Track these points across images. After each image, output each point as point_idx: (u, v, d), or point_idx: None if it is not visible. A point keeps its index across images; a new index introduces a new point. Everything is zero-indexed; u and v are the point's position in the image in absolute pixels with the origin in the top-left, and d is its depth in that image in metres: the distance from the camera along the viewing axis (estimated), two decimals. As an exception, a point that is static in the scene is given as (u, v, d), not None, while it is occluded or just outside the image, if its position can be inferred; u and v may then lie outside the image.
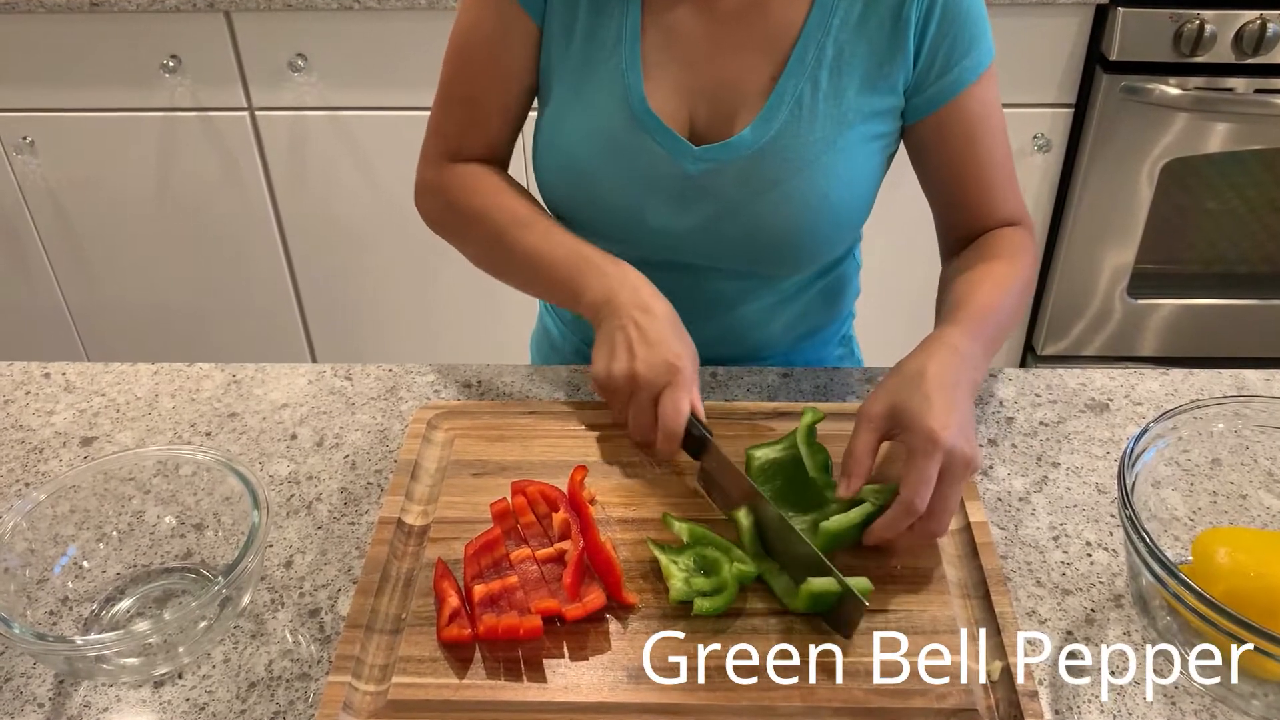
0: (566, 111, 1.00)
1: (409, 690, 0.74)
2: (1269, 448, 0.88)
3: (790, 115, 0.95)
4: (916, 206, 1.08)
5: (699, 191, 0.98)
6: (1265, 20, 1.86)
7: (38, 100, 2.06)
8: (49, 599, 0.82)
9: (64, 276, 2.29)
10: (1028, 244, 1.01)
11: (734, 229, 0.99)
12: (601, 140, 0.99)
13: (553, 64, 1.00)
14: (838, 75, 0.95)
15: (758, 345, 1.11)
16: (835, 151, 0.96)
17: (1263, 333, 2.26)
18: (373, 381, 1.06)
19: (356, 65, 2.00)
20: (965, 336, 0.88)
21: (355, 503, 0.92)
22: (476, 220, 1.03)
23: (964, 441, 0.79)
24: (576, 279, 0.95)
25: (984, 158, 0.99)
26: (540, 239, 0.99)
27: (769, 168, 0.96)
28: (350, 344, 2.37)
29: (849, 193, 0.99)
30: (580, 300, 0.95)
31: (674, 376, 0.88)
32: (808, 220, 0.98)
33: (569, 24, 0.98)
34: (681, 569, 0.81)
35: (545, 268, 0.98)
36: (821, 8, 0.95)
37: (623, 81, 0.97)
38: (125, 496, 0.87)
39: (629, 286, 0.93)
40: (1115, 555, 0.86)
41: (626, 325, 0.90)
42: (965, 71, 0.95)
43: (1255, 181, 2.10)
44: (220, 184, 2.14)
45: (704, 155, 0.97)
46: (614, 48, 0.97)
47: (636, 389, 0.89)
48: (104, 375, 1.08)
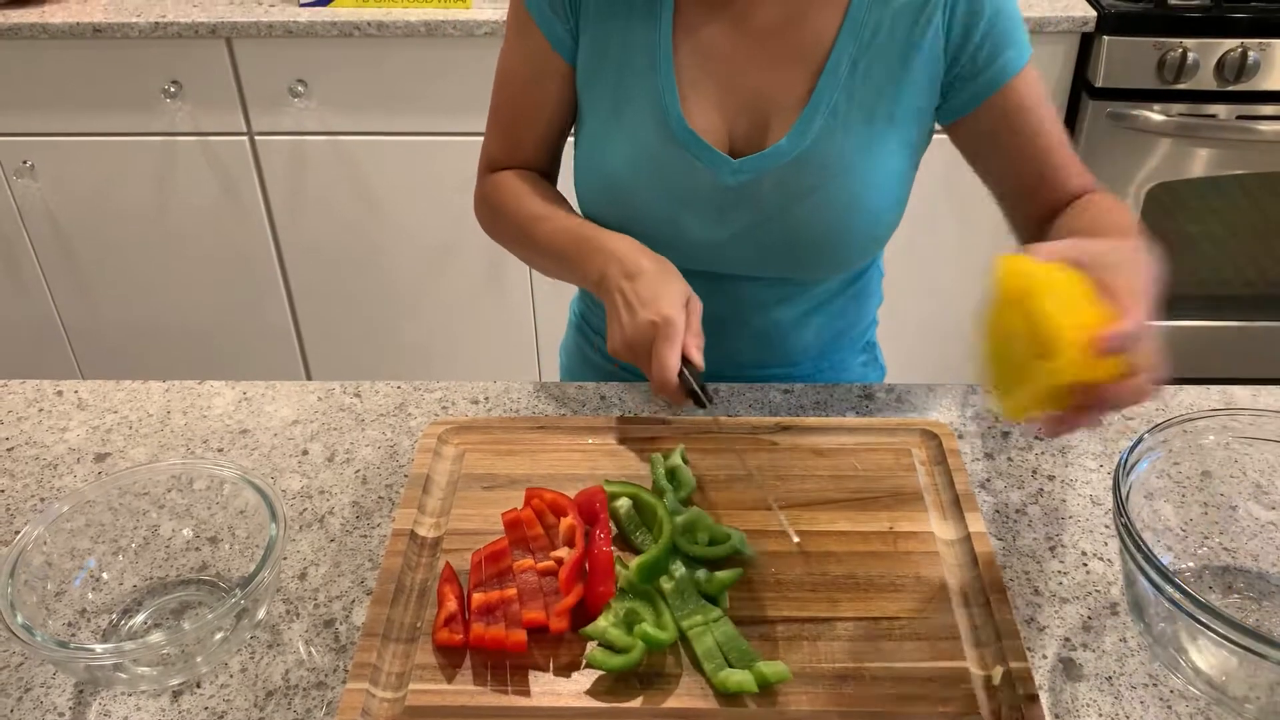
0: (606, 135, 1.04)
1: (426, 696, 0.76)
2: (1257, 460, 0.91)
3: (825, 123, 0.99)
4: (937, 220, 1.11)
5: (737, 202, 1.01)
6: (1246, 49, 1.91)
7: (38, 125, 2.08)
8: (67, 611, 0.83)
9: (61, 298, 2.30)
10: (1117, 201, 1.02)
11: (772, 236, 1.02)
12: (642, 161, 1.02)
13: (589, 89, 1.04)
14: (869, 81, 0.98)
15: (790, 350, 1.15)
16: (869, 156, 0.99)
17: (1247, 354, 2.30)
18: (381, 398, 1.08)
19: (356, 91, 2.03)
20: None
21: (367, 516, 0.94)
22: (508, 222, 1.10)
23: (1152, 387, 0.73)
24: (579, 261, 1.01)
25: (1048, 136, 1.02)
26: (550, 228, 1.05)
27: (805, 175, 0.99)
28: (347, 367, 2.38)
29: (882, 196, 1.02)
30: (587, 283, 1.01)
31: (656, 331, 0.92)
32: (843, 224, 1.01)
33: (602, 54, 1.02)
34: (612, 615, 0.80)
35: (557, 255, 1.04)
36: (853, 19, 0.98)
37: (660, 103, 1.00)
38: (141, 510, 0.88)
39: (616, 258, 0.97)
40: (1110, 564, 0.89)
41: (615, 295, 0.95)
42: (1010, 61, 0.99)
43: (1237, 206, 2.14)
44: (220, 208, 2.16)
45: (742, 167, 1.00)
46: (649, 72, 1.00)
47: (634, 353, 0.94)
48: (116, 392, 1.09)
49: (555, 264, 1.06)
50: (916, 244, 2.09)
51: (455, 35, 1.94)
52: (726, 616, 0.80)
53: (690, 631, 0.79)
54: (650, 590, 0.82)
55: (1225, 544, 0.89)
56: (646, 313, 0.92)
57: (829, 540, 0.88)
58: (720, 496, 0.92)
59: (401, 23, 1.93)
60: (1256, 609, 0.85)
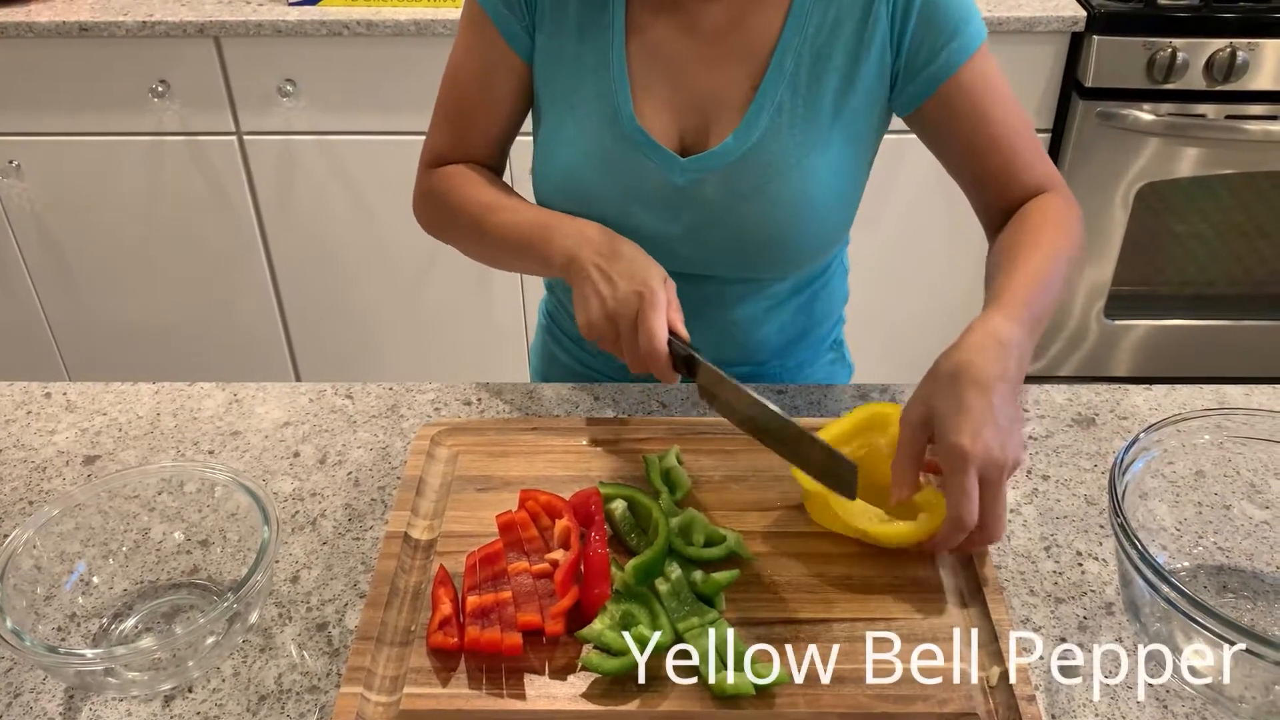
0: (561, 133, 1.04)
1: (420, 700, 0.75)
2: (1250, 459, 0.91)
3: (771, 122, 0.99)
4: (902, 217, 1.11)
5: (686, 201, 1.01)
6: (1235, 48, 1.91)
7: (25, 124, 2.06)
8: (57, 615, 0.83)
9: (48, 299, 2.29)
10: (1064, 206, 1.00)
11: (721, 235, 1.02)
12: (595, 158, 1.02)
13: (545, 90, 1.05)
14: (815, 79, 0.98)
15: (752, 348, 1.14)
16: (817, 153, 0.99)
17: (1235, 353, 2.31)
18: (373, 400, 1.07)
19: (345, 90, 2.02)
20: (1006, 320, 0.86)
21: (359, 519, 0.93)
22: (457, 212, 1.08)
23: (996, 447, 0.79)
24: (542, 247, 1.00)
25: (997, 126, 1.00)
26: (507, 218, 1.03)
27: (751, 173, 0.99)
28: (335, 367, 2.37)
29: (832, 193, 1.02)
30: (551, 265, 0.99)
31: (642, 301, 0.91)
32: (793, 223, 1.01)
33: (557, 53, 1.02)
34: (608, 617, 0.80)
35: (515, 243, 1.02)
36: (796, 16, 0.98)
37: (612, 102, 1.00)
38: (132, 513, 0.87)
39: (586, 240, 0.97)
40: (1105, 564, 0.89)
41: (591, 272, 0.94)
42: (954, 53, 0.97)
43: (1225, 205, 2.15)
44: (208, 208, 2.15)
45: (690, 166, 1.00)
46: (602, 71, 1.00)
47: (615, 326, 0.92)
48: (105, 395, 1.08)
49: (511, 253, 1.04)
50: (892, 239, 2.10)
51: (445, 34, 1.93)
52: (723, 618, 0.80)
53: (686, 634, 0.78)
54: (646, 592, 0.81)
55: (1220, 543, 0.89)
56: (630, 284, 0.92)
57: (824, 542, 0.87)
58: (715, 498, 0.92)
59: (391, 22, 1.92)
60: (1251, 608, 0.85)
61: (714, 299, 1.09)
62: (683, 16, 1.00)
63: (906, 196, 1.99)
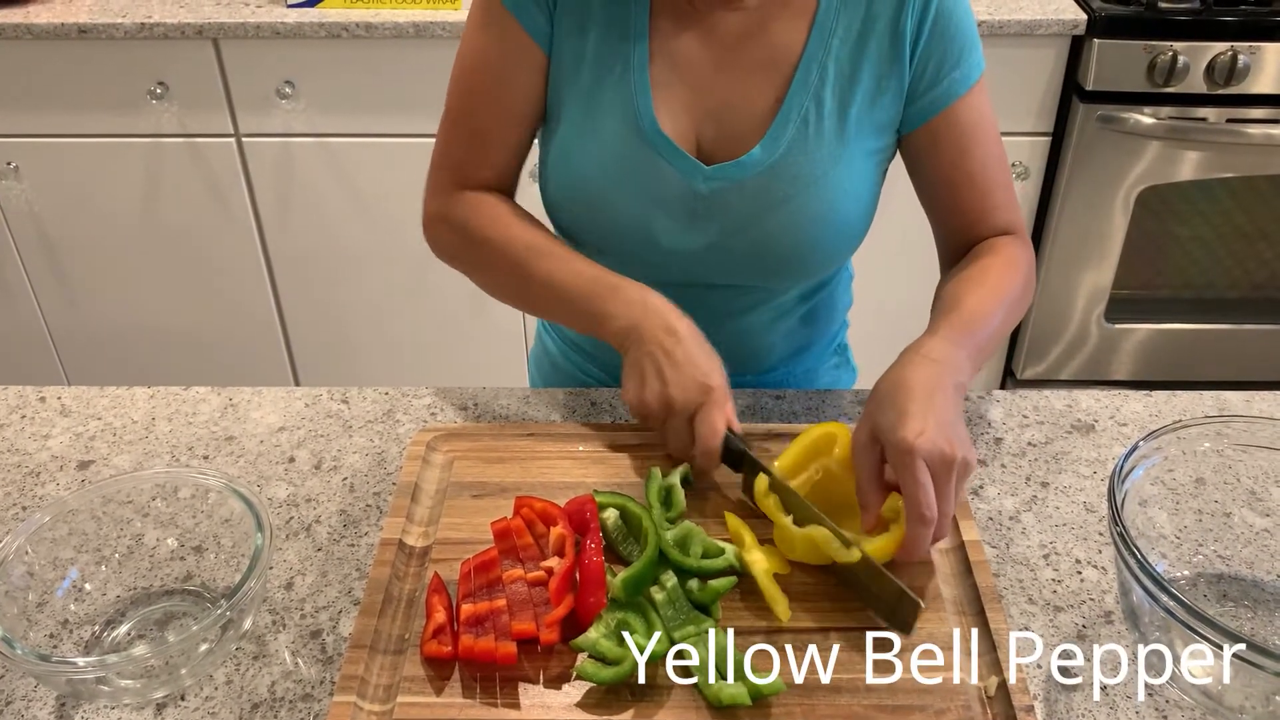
0: (577, 136, 1.01)
1: (414, 710, 0.75)
2: (1251, 467, 0.90)
3: (797, 133, 0.98)
4: (906, 221, 1.11)
5: (709, 210, 1.00)
6: (1235, 52, 1.91)
7: (23, 126, 2.06)
8: (49, 622, 0.82)
9: (46, 302, 2.28)
10: (1020, 252, 1.02)
11: (744, 245, 1.01)
12: (613, 163, 1.00)
13: (562, 90, 1.02)
14: (840, 92, 0.98)
15: (759, 355, 1.14)
16: (841, 166, 0.99)
17: (1236, 357, 2.30)
18: (369, 405, 1.07)
19: (344, 92, 2.02)
20: (945, 343, 0.89)
21: (355, 525, 0.93)
22: (492, 250, 1.04)
23: (943, 442, 0.80)
24: (599, 306, 0.97)
25: (977, 166, 1.01)
26: (559, 266, 1.00)
27: (779, 185, 0.99)
28: (334, 370, 2.37)
29: (854, 205, 1.01)
30: (604, 327, 0.97)
31: (707, 396, 0.90)
32: (815, 234, 1.01)
33: (578, 51, 1.00)
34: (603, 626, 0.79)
35: (565, 296, 0.99)
36: (821, 28, 0.97)
37: (633, 105, 0.99)
38: (125, 519, 0.87)
39: (652, 311, 0.94)
40: (1104, 573, 0.88)
41: (654, 351, 0.92)
42: (955, 83, 0.98)
43: (1225, 209, 2.15)
44: (206, 210, 2.14)
45: (715, 174, 0.99)
46: (623, 73, 0.99)
47: (671, 412, 0.91)
48: (99, 399, 1.08)
49: (558, 303, 1.01)
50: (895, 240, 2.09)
51: (444, 36, 1.92)
52: (719, 627, 0.80)
53: (682, 643, 0.78)
54: (641, 601, 0.81)
55: (1220, 551, 0.89)
56: (694, 374, 0.91)
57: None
58: (716, 509, 0.91)
59: (390, 24, 1.92)
60: (1251, 617, 0.85)
61: (724, 308, 1.08)
62: (703, 23, 0.98)
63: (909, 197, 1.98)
